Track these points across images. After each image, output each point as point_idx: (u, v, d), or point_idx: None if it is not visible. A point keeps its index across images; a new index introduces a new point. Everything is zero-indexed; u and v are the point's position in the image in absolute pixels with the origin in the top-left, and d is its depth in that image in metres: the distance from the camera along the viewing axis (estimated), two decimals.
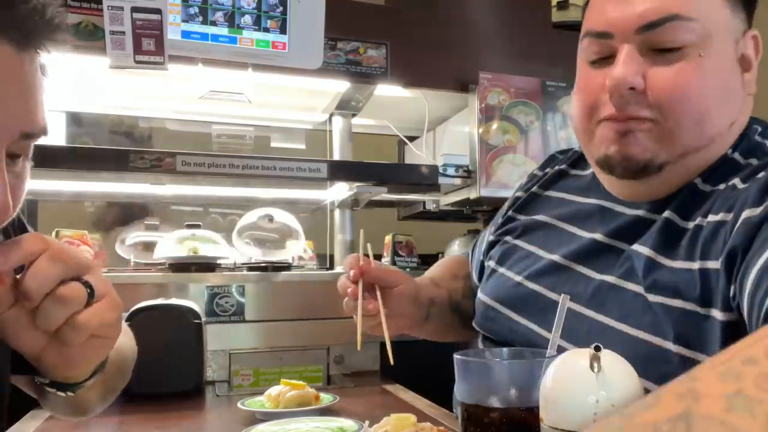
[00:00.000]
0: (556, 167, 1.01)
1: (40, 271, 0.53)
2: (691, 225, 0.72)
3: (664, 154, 0.74)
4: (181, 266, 1.59)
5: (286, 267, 1.69)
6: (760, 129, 0.77)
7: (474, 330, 0.99)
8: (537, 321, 0.84)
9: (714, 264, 0.67)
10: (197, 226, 1.70)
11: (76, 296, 0.55)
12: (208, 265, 1.62)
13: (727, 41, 0.73)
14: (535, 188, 1.01)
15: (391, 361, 0.83)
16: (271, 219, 1.74)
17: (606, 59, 0.76)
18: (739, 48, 0.74)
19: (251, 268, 1.67)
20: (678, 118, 0.72)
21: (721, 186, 0.72)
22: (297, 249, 1.79)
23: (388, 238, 1.94)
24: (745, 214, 0.65)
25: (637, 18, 0.72)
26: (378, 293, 0.91)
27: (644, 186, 0.78)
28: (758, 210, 0.64)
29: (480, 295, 0.98)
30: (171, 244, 1.62)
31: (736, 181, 0.71)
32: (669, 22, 0.71)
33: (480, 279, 1.04)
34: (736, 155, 0.75)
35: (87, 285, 0.56)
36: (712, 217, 0.70)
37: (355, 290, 0.90)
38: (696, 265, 0.69)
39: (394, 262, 1.86)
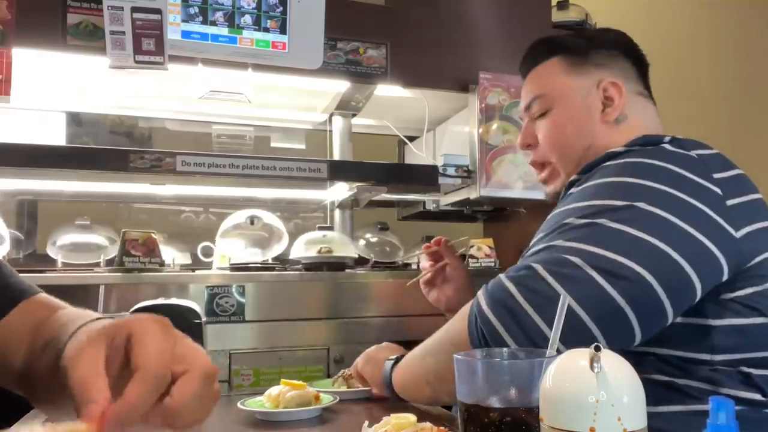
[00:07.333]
0: None
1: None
2: None
3: (558, 181, 1.11)
4: None
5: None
6: (614, 152, 0.96)
7: None
8: None
9: None
10: None
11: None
12: None
13: (572, 98, 1.08)
14: None
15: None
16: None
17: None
18: (591, 97, 1.06)
19: None
20: (546, 154, 1.12)
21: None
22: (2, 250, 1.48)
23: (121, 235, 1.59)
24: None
25: (523, 104, 1.17)
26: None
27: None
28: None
29: None
30: None
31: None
32: (533, 101, 1.12)
33: None
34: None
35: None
36: None
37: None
38: None
39: (122, 263, 1.52)
